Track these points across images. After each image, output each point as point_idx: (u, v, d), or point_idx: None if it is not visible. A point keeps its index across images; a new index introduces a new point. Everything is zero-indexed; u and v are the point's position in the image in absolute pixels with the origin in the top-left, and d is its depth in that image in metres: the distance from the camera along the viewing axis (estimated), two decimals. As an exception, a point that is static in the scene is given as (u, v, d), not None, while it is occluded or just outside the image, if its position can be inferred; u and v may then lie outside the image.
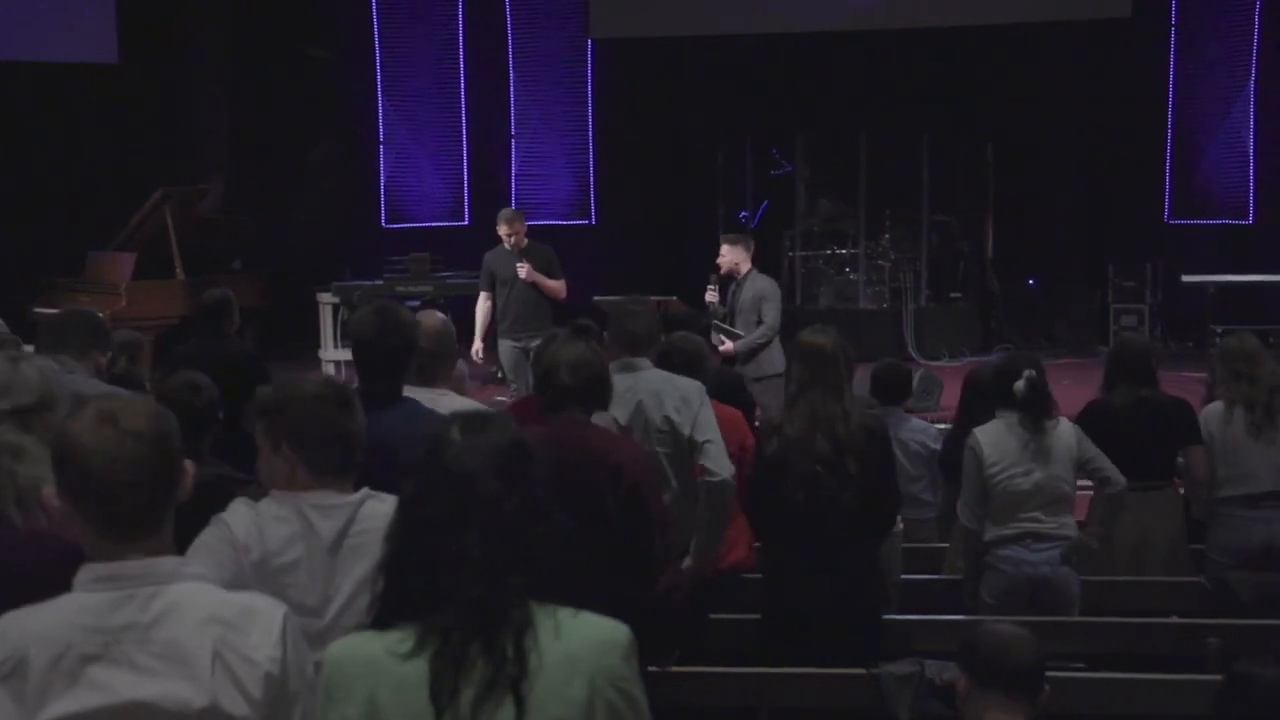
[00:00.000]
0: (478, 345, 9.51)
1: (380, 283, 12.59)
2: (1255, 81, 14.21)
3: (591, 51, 15.68)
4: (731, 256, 8.80)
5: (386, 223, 15.79)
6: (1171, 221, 14.66)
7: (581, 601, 2.10)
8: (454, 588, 2.02)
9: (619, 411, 4.63)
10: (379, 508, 2.93)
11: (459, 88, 15.83)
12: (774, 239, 14.24)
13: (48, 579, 2.32)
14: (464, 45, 15.79)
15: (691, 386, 4.90)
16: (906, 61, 14.53)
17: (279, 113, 14.81)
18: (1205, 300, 12.29)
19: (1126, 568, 5.81)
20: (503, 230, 9.54)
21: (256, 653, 2.19)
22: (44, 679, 2.15)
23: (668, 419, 4.79)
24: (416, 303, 13.39)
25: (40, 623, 2.19)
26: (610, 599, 2.22)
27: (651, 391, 4.84)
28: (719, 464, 4.73)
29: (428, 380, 4.44)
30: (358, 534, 2.94)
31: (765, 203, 14.77)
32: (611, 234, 15.30)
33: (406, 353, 4.18)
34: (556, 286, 9.49)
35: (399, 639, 2.05)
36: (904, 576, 5.47)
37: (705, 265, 13.89)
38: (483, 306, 9.66)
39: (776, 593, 4.71)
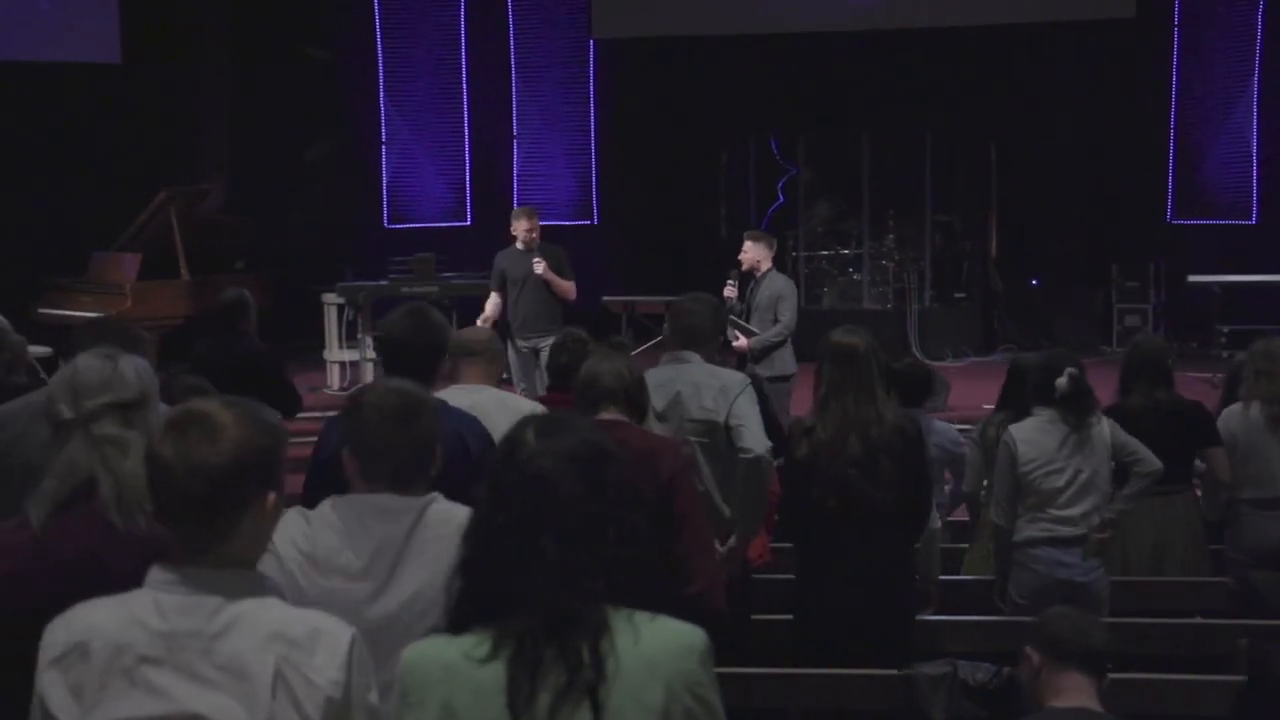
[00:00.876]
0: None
1: (385, 283, 12.56)
2: (1258, 82, 14.23)
3: (594, 51, 15.67)
4: (754, 254, 8.81)
5: (388, 223, 15.76)
6: (1174, 222, 14.68)
7: (655, 605, 2.08)
8: (530, 591, 2.00)
9: (657, 401, 4.67)
10: (446, 512, 2.90)
11: (461, 88, 15.80)
12: (778, 239, 14.20)
13: (139, 576, 2.29)
14: (466, 45, 15.76)
15: (734, 378, 4.95)
16: (909, 61, 14.52)
17: (280, 113, 14.77)
18: (1210, 300, 12.29)
19: (1144, 572, 5.81)
20: (522, 226, 9.52)
21: (319, 675, 2.15)
22: (101, 674, 2.13)
23: (703, 408, 4.83)
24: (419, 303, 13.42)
25: (105, 616, 2.17)
26: (646, 599, 2.19)
27: (691, 383, 4.89)
28: (754, 441, 4.75)
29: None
30: (420, 538, 2.88)
31: (780, 199, 14.76)
32: (613, 234, 15.28)
33: (437, 353, 4.18)
34: (568, 287, 9.50)
35: (475, 643, 2.03)
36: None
37: (707, 265, 14.09)
38: (490, 306, 9.65)
39: (808, 594, 4.68)
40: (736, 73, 15.06)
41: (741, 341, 8.52)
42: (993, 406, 9.95)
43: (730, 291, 8.90)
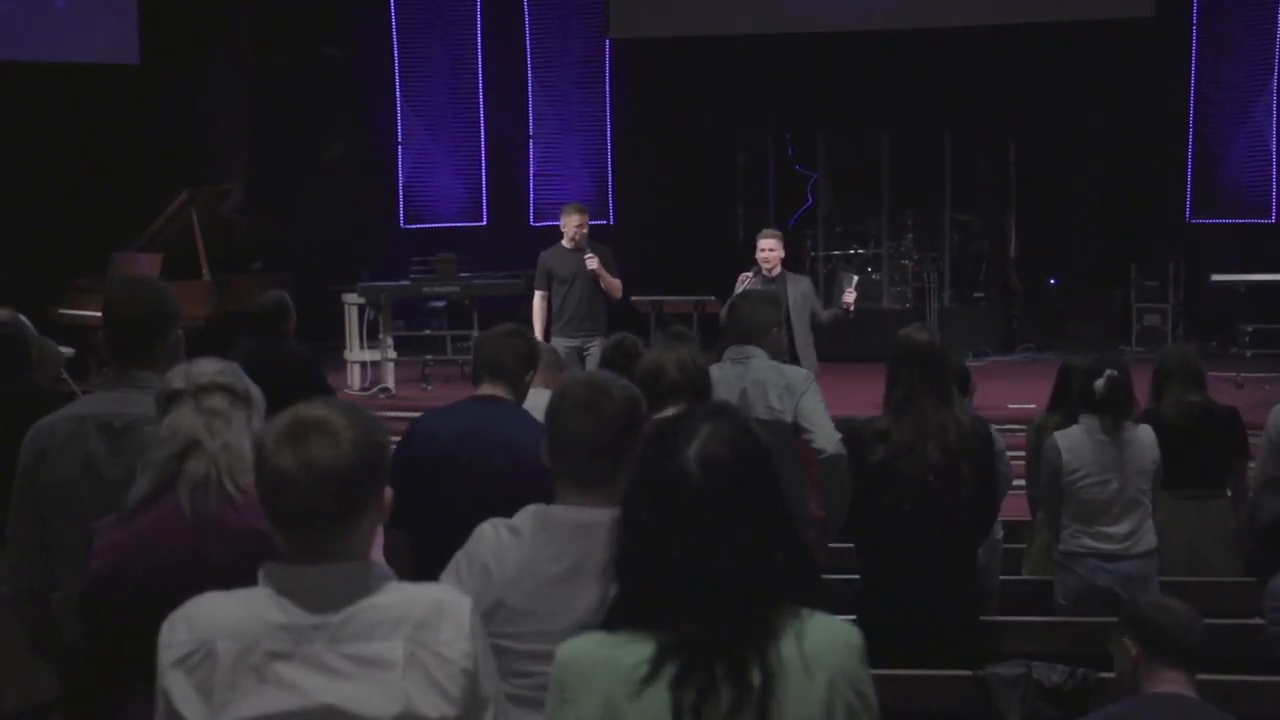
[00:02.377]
0: None
1: (407, 283, 12.56)
2: (1277, 81, 14.21)
3: (609, 51, 15.65)
4: (778, 252, 8.78)
5: (404, 223, 15.76)
6: (1193, 221, 14.67)
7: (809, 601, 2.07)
8: (694, 594, 1.99)
9: (726, 396, 4.65)
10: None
11: (477, 88, 15.80)
12: (796, 238, 14.22)
13: (239, 570, 2.30)
14: (482, 45, 15.76)
15: (798, 374, 4.93)
16: (928, 61, 14.52)
17: (296, 113, 14.77)
18: (1235, 300, 12.27)
19: (1179, 576, 5.79)
20: (573, 222, 9.43)
21: (450, 649, 2.13)
22: (230, 674, 2.10)
23: (770, 408, 4.83)
24: (443, 302, 13.42)
25: (228, 615, 2.15)
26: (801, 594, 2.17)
27: (756, 381, 4.88)
28: (825, 440, 4.78)
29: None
30: (605, 556, 2.78)
31: (810, 201, 14.74)
32: (630, 234, 15.22)
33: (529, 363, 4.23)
34: (616, 285, 9.46)
35: (636, 641, 2.02)
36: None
37: (724, 265, 14.02)
38: (539, 305, 9.55)
39: (878, 596, 4.63)
40: (753, 73, 15.05)
41: (851, 295, 8.75)
42: (1016, 406, 10.12)
43: (745, 282, 8.81)
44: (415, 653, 2.12)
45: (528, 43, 15.71)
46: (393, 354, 12.18)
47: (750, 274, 8.75)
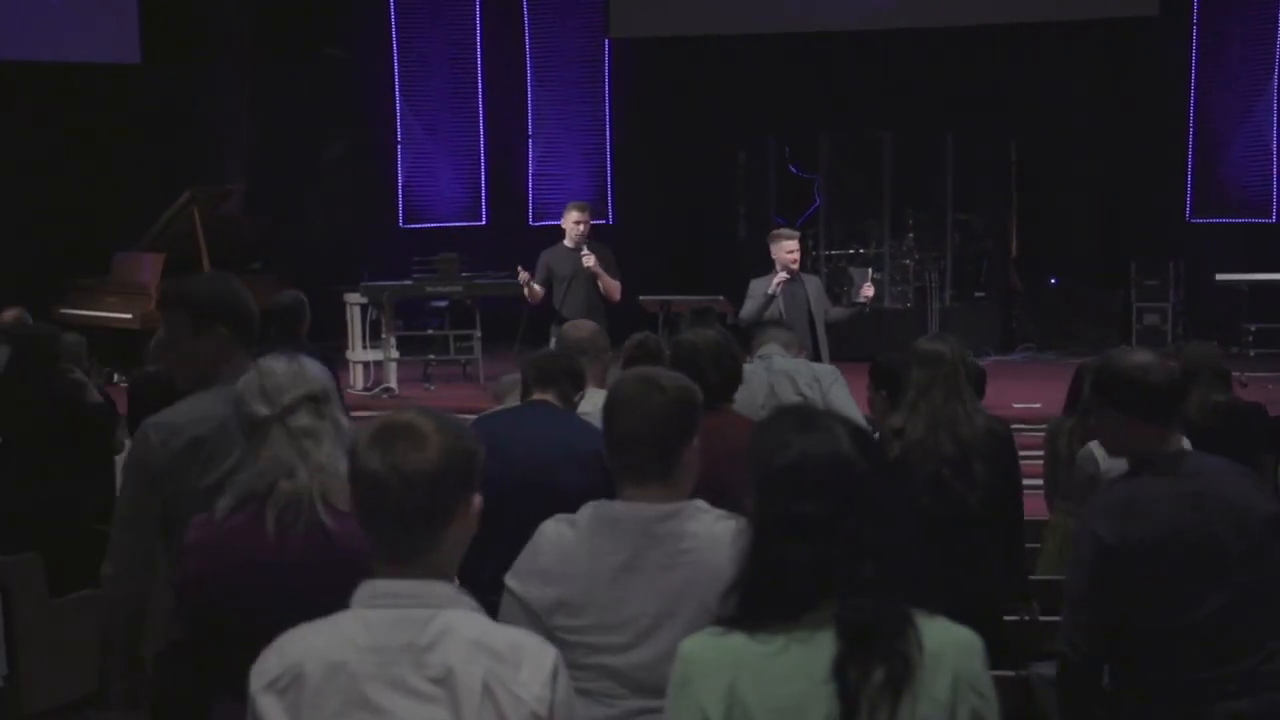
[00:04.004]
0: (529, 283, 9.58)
1: (410, 283, 12.53)
2: (1278, 80, 14.25)
3: (609, 51, 15.63)
4: (800, 253, 8.80)
5: (403, 223, 15.73)
6: (1193, 220, 14.70)
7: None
8: (828, 587, 2.01)
9: (753, 392, 4.66)
10: (699, 522, 2.81)
11: (476, 87, 15.78)
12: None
13: (326, 582, 2.30)
14: (481, 45, 15.74)
15: (825, 368, 4.99)
16: (930, 61, 14.53)
17: (296, 113, 14.73)
18: (1238, 299, 12.32)
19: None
20: (573, 218, 9.46)
21: (525, 690, 2.12)
22: (318, 696, 2.13)
23: (800, 394, 4.84)
24: (444, 302, 13.38)
25: (318, 639, 2.17)
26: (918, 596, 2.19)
27: (783, 372, 4.92)
28: None
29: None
30: (666, 550, 2.79)
31: (817, 203, 14.73)
32: (629, 234, 15.20)
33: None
34: (614, 285, 9.45)
35: (762, 634, 2.04)
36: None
37: (725, 265, 14.07)
38: (532, 288, 9.58)
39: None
40: (754, 72, 15.04)
41: (869, 288, 8.98)
42: (1021, 405, 10.13)
43: (779, 285, 8.78)
44: (490, 684, 2.12)
45: (527, 42, 15.70)
46: (395, 354, 12.14)
47: (779, 279, 8.74)
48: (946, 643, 2.06)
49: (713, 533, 2.76)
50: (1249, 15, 14.33)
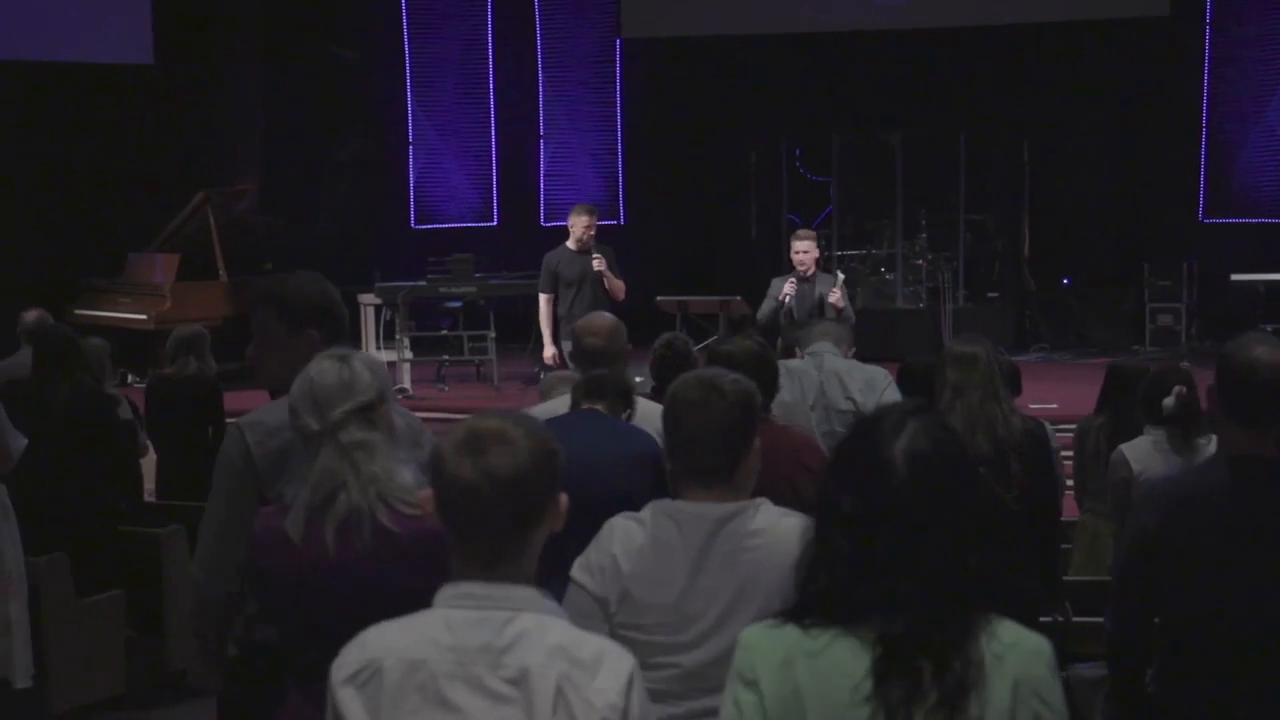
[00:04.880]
0: (551, 350, 9.35)
1: (424, 283, 12.51)
2: (1291, 80, 14.25)
3: (621, 51, 15.62)
4: (813, 253, 8.78)
5: (414, 223, 15.71)
6: (1206, 220, 14.67)
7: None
8: (892, 587, 1.98)
9: (804, 391, 4.64)
10: (763, 519, 2.84)
11: (488, 88, 15.77)
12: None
13: (393, 585, 2.28)
14: (493, 45, 15.73)
15: (878, 372, 4.95)
16: (942, 60, 14.51)
17: (308, 113, 14.73)
18: (1255, 299, 12.29)
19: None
20: (582, 222, 9.37)
21: (599, 697, 2.10)
22: (397, 692, 2.13)
23: (851, 399, 4.83)
24: (457, 303, 13.36)
25: (399, 636, 2.17)
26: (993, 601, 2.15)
27: (833, 373, 4.89)
28: None
29: None
30: (730, 548, 2.82)
31: (830, 207, 14.73)
32: (640, 234, 15.21)
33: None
34: (619, 286, 9.41)
35: (825, 632, 2.01)
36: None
37: (737, 265, 14.08)
38: (546, 309, 9.50)
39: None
40: (766, 73, 15.03)
41: (838, 295, 8.63)
42: (1037, 406, 10.09)
43: (790, 289, 8.81)
44: (564, 688, 2.11)
45: (539, 42, 15.69)
46: (409, 354, 12.13)
47: (793, 280, 8.75)
48: (1013, 648, 2.01)
49: (778, 527, 2.80)
50: (1262, 15, 14.29)
